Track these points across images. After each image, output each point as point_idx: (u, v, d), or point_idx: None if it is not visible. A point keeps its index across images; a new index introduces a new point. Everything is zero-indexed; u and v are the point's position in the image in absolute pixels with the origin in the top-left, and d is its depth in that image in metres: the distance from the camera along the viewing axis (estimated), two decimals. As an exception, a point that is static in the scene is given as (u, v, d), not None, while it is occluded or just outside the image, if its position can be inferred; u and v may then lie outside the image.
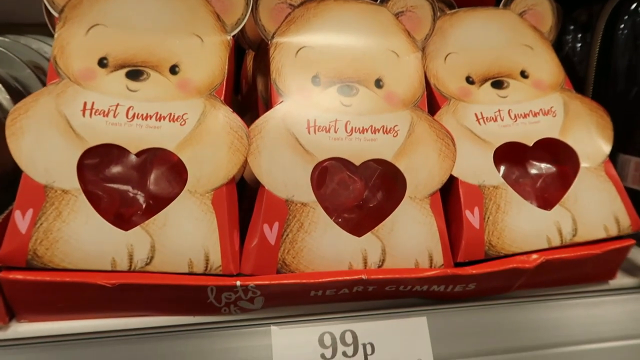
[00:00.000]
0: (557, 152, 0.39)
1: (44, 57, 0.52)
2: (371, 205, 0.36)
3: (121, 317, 0.33)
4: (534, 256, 0.35)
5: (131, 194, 0.33)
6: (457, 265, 0.36)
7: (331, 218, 0.34)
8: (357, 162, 0.35)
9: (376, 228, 0.35)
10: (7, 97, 0.40)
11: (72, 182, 0.32)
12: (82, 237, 0.31)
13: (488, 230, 0.35)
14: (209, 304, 0.33)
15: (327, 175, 0.36)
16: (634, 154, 0.43)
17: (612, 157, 0.40)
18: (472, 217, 0.35)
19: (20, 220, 0.31)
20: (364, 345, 0.35)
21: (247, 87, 0.48)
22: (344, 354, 0.34)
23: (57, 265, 0.31)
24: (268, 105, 0.38)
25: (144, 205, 0.33)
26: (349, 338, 0.35)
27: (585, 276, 0.39)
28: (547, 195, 0.38)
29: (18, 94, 0.43)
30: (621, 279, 0.41)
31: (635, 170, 0.43)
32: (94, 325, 0.33)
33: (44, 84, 0.38)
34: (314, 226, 0.34)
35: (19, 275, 0.31)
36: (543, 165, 0.39)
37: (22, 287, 0.31)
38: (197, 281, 0.32)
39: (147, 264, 0.32)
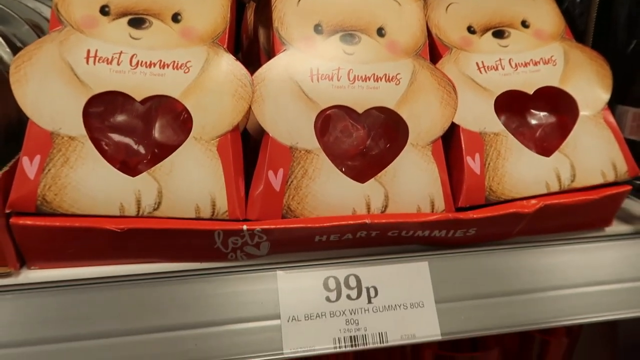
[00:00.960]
0: (557, 100, 0.39)
1: (42, 16, 0.51)
2: (374, 152, 0.37)
3: (129, 263, 0.34)
4: (533, 201, 0.36)
5: (137, 141, 0.34)
6: (458, 210, 0.37)
7: (335, 165, 0.35)
8: (360, 110, 0.36)
9: (379, 174, 0.35)
10: (8, 50, 0.40)
11: (78, 128, 0.32)
12: (90, 183, 0.32)
13: (488, 176, 0.36)
14: (215, 249, 0.34)
15: (330, 122, 0.36)
16: (632, 104, 0.44)
17: (610, 108, 0.40)
18: (473, 163, 0.36)
19: (29, 166, 0.31)
20: (367, 289, 0.36)
21: (248, 42, 0.48)
22: (348, 296, 0.35)
23: (66, 210, 0.31)
24: (270, 55, 0.38)
25: (150, 153, 0.34)
26: (352, 282, 0.36)
27: (582, 223, 0.40)
28: (547, 142, 0.38)
29: (17, 49, 0.42)
30: (617, 226, 0.42)
31: (633, 121, 0.43)
32: (103, 271, 0.34)
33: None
34: (318, 173, 0.35)
35: (28, 221, 0.31)
36: (543, 113, 0.39)
37: (32, 232, 0.31)
38: (204, 226, 0.33)
39: (154, 210, 0.32)
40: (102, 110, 0.33)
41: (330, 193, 0.35)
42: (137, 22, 0.34)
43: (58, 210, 0.31)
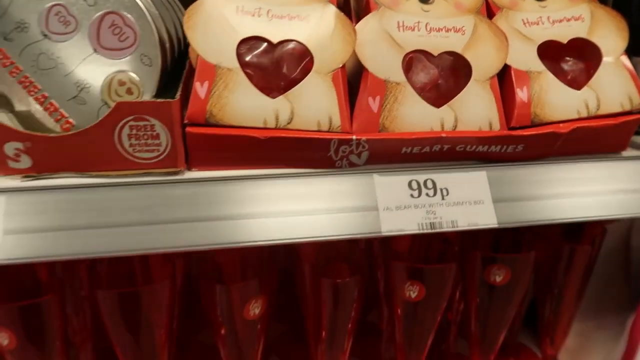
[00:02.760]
0: (585, 48, 0.50)
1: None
2: (446, 85, 0.48)
3: (266, 168, 0.45)
4: (568, 124, 0.47)
5: (276, 73, 0.45)
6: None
7: (417, 94, 0.46)
8: (435, 53, 0.47)
9: (450, 102, 0.46)
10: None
11: (233, 63, 0.43)
12: (243, 103, 0.43)
13: (534, 103, 0.47)
14: (328, 157, 0.45)
15: (413, 62, 0.47)
16: (644, 56, 0.54)
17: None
18: (521, 93, 0.47)
19: (200, 88, 0.43)
20: (441, 189, 0.47)
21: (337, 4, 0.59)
22: (427, 194, 0.47)
23: (226, 122, 0.43)
24: (360, 16, 0.49)
25: (285, 82, 0.45)
26: (429, 184, 0.47)
27: (604, 146, 0.51)
28: (578, 79, 0.49)
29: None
30: (630, 152, 0.53)
31: (645, 69, 0.54)
32: (246, 173, 0.45)
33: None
34: (405, 99, 0.46)
35: (201, 130, 0.43)
36: (574, 57, 0.50)
37: (201, 139, 0.43)
38: (324, 135, 0.44)
39: (288, 124, 0.44)
40: (248, 49, 0.44)
41: (414, 115, 0.46)
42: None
43: (220, 122, 0.43)
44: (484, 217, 0.46)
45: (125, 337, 0.50)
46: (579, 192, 0.49)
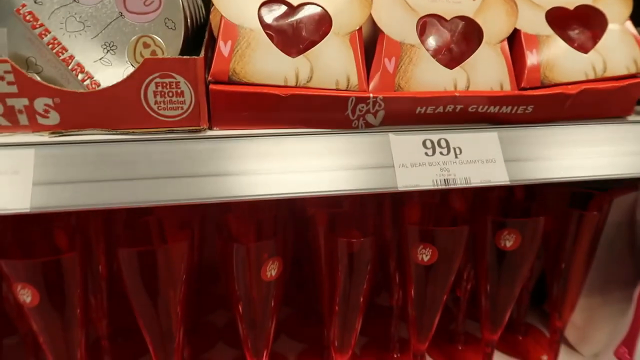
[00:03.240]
0: (591, 14, 0.52)
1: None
2: (458, 48, 0.50)
3: (285, 128, 0.47)
4: (576, 86, 0.49)
5: (297, 34, 0.47)
6: (521, 91, 0.50)
7: (431, 55, 0.48)
8: (448, 18, 0.49)
9: (463, 63, 0.48)
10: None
11: (255, 24, 0.45)
12: (265, 62, 0.45)
13: (543, 65, 0.49)
14: (345, 117, 0.47)
15: (427, 26, 0.49)
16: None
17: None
18: (531, 55, 0.49)
19: (224, 47, 0.44)
20: (454, 148, 0.48)
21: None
22: (441, 153, 0.48)
23: (249, 80, 0.44)
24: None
25: (306, 42, 0.46)
26: (443, 143, 0.48)
27: (610, 110, 0.52)
28: (585, 43, 0.51)
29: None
30: (635, 116, 0.54)
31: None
32: (266, 132, 0.46)
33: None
34: (419, 60, 0.47)
35: (224, 87, 0.44)
36: (581, 23, 0.52)
37: (225, 96, 0.44)
38: (342, 93, 0.46)
39: (307, 82, 0.45)
40: (269, 12, 0.46)
41: (428, 76, 0.48)
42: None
43: (243, 80, 0.44)
44: (496, 175, 0.48)
45: (142, 297, 0.51)
46: (587, 153, 0.50)
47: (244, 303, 0.54)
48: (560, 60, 0.49)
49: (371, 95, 0.45)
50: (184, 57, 0.43)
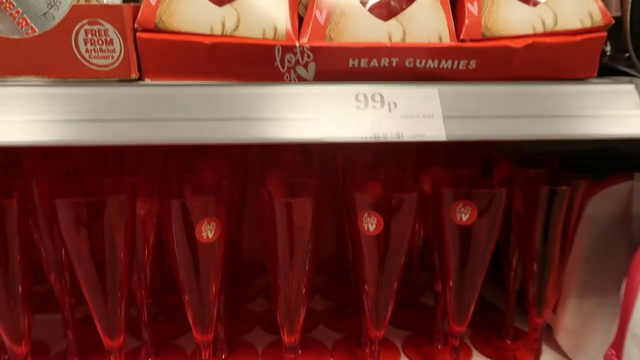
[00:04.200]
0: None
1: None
2: (397, 3, 0.48)
3: (212, 79, 0.47)
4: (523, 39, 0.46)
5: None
6: (461, 45, 0.47)
7: (364, 8, 0.47)
8: (385, -29, 0.48)
9: (398, 15, 0.47)
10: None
11: (185, -26, 0.46)
12: (191, 10, 0.45)
13: (485, 17, 0.46)
14: (275, 68, 0.46)
15: (363, -21, 0.48)
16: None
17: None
18: (472, 7, 0.46)
19: (151, -4, 0.45)
20: (389, 103, 0.46)
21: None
22: (373, 107, 0.46)
23: (175, 28, 0.45)
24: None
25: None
26: (377, 97, 0.46)
27: (567, 69, 0.49)
28: (534, -3, 0.48)
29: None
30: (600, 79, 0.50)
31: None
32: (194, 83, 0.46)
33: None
34: (352, 13, 0.46)
35: (150, 35, 0.45)
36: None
37: (151, 44, 0.45)
38: (268, 42, 0.45)
39: (233, 31, 0.45)
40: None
41: (360, 28, 0.46)
42: None
43: (169, 28, 0.45)
44: (433, 130, 0.45)
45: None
46: (535, 112, 0.47)
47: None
48: (504, 12, 0.47)
49: (297, 44, 0.45)
50: (111, 4, 0.44)
